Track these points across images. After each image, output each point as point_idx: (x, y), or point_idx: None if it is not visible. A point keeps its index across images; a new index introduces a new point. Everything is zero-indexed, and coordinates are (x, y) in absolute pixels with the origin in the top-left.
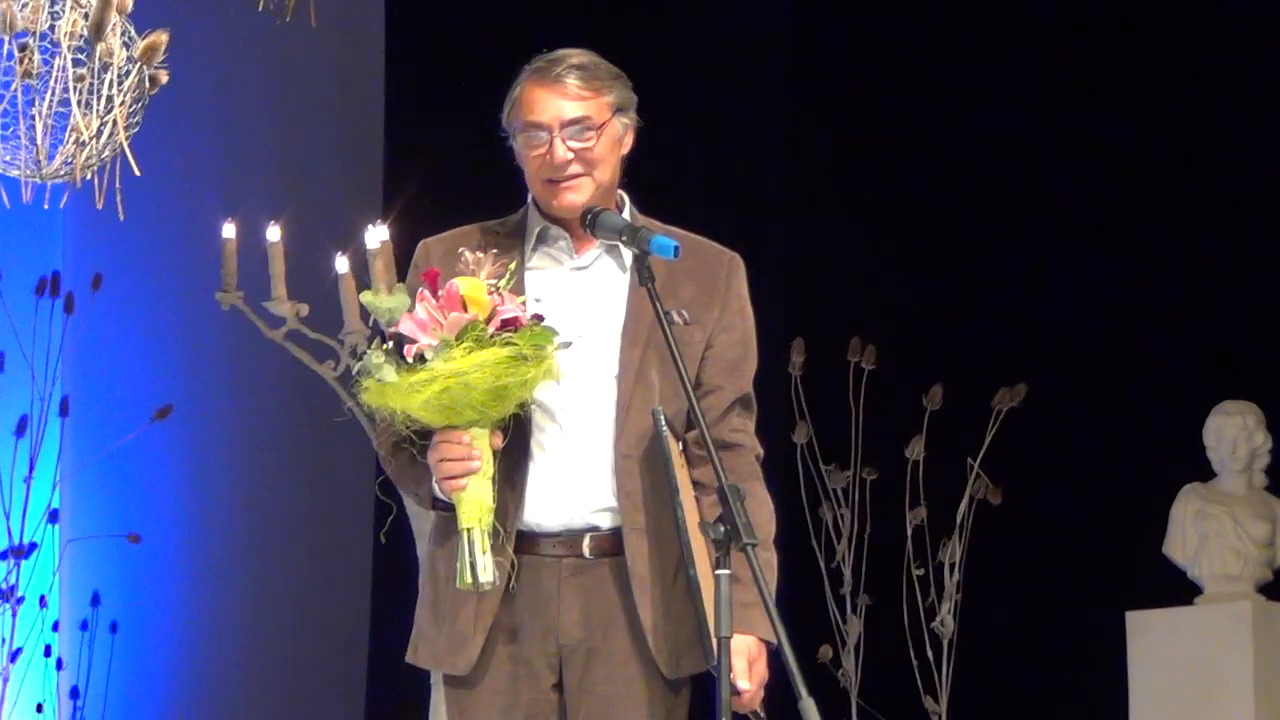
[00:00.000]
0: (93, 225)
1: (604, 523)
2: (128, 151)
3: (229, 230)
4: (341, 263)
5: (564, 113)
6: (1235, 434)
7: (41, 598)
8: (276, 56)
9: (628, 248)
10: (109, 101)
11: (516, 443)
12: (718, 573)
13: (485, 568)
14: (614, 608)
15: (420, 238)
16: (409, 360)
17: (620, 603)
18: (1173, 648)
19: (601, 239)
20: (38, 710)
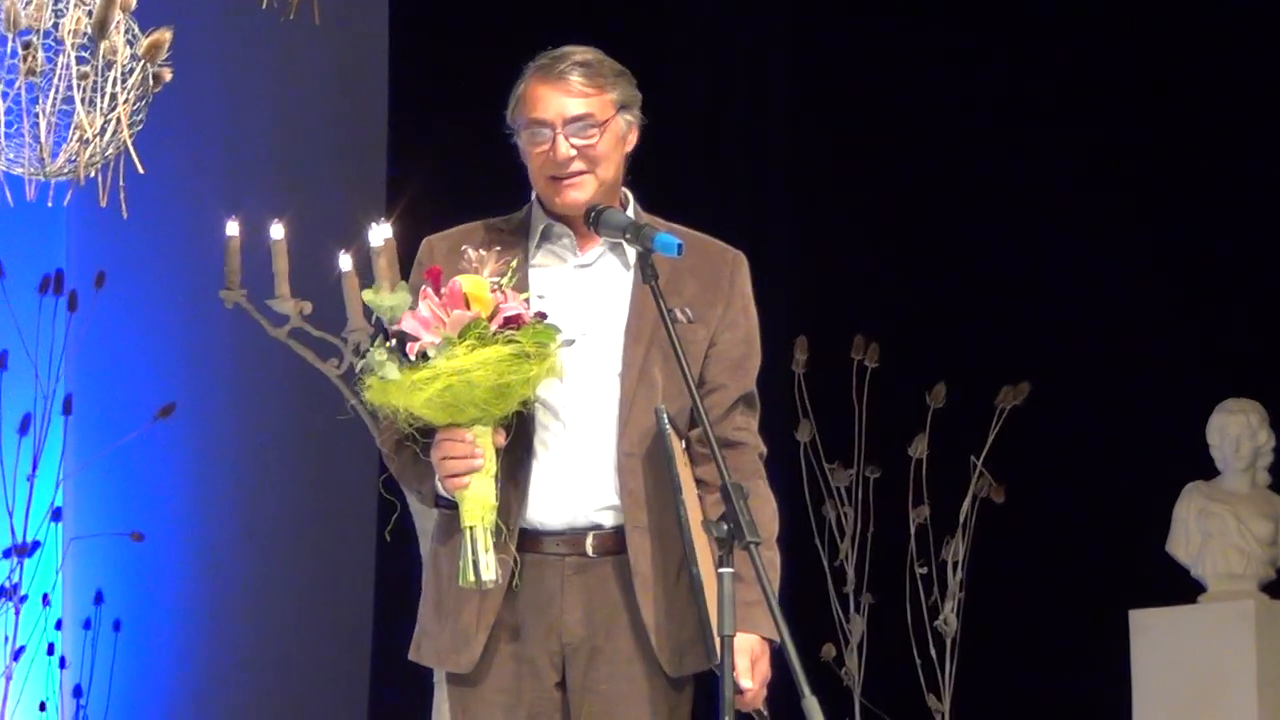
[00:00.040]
0: (96, 223)
1: (607, 521)
2: (131, 149)
3: (232, 228)
4: (345, 260)
5: (567, 110)
6: (1238, 432)
7: (44, 596)
8: (280, 54)
9: (631, 245)
10: (113, 99)
11: (519, 441)
12: (721, 571)
13: (488, 566)
14: (617, 606)
15: (423, 235)
16: (412, 358)
17: (623, 601)
18: (1176, 646)
19: (605, 236)
20: (41, 709)
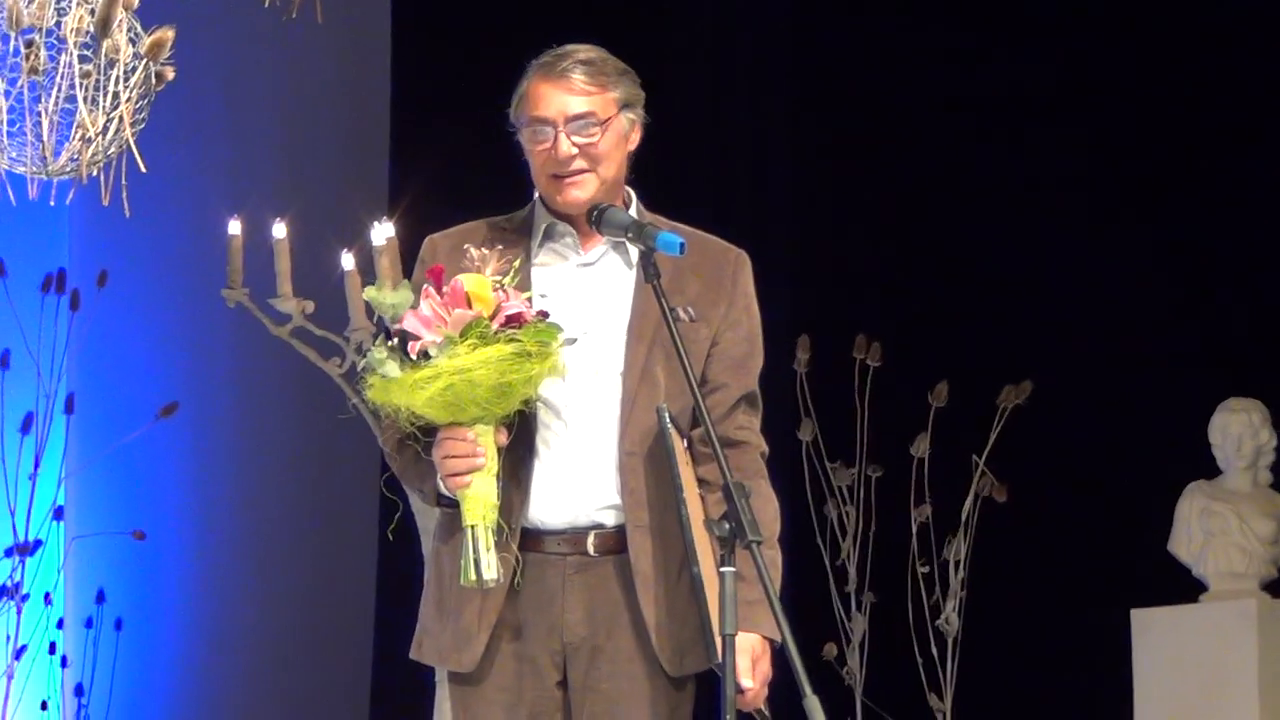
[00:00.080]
0: (98, 222)
1: (608, 520)
2: (134, 148)
3: (234, 227)
4: (347, 259)
5: (569, 108)
6: (1240, 431)
7: (46, 595)
8: (282, 53)
9: (633, 244)
10: (115, 98)
11: (521, 439)
12: (722, 570)
13: (489, 565)
14: (618, 605)
15: (425, 234)
16: (413, 357)
17: (624, 600)
18: (1178, 645)
19: (607, 235)
20: (42, 708)
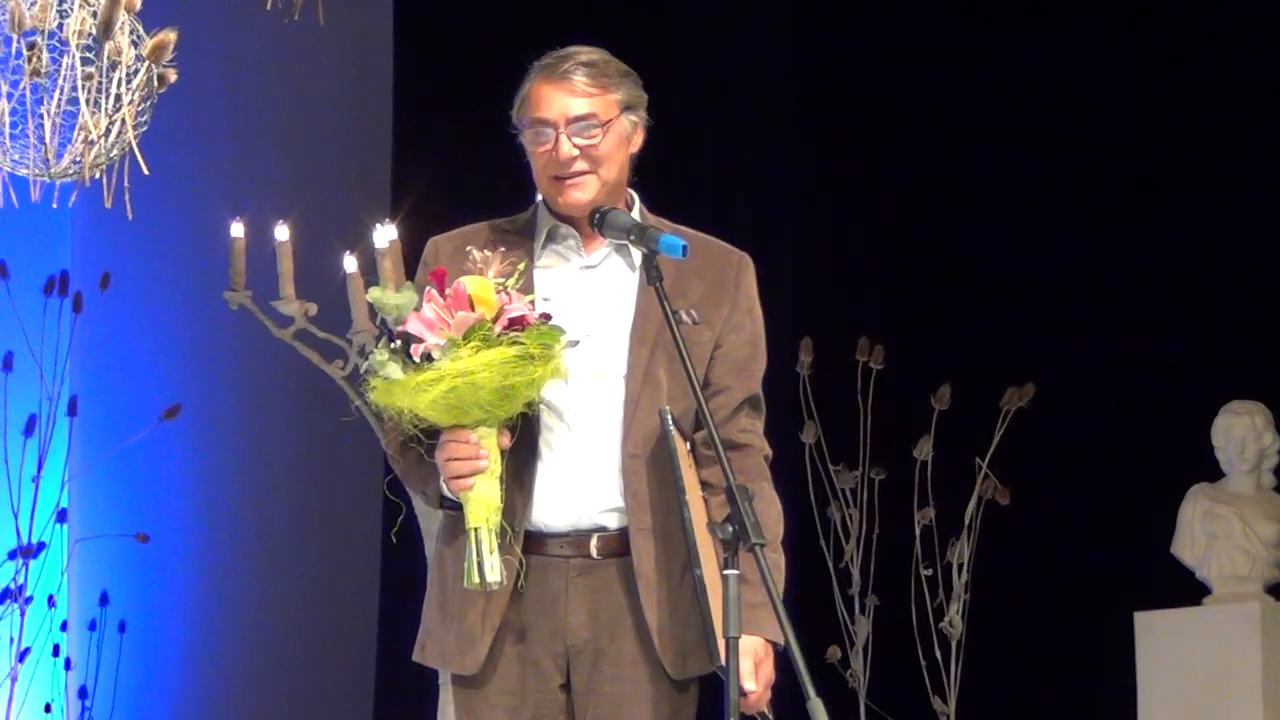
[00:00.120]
0: (101, 224)
1: (611, 523)
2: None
3: (237, 229)
4: (350, 262)
5: (570, 109)
6: (1244, 434)
7: (50, 597)
8: (285, 55)
9: (636, 247)
10: (117, 100)
11: (524, 442)
12: (726, 573)
13: (493, 567)
14: (621, 608)
15: (428, 236)
16: (416, 359)
17: (627, 603)
18: (1181, 648)
19: (610, 238)
20: (46, 710)
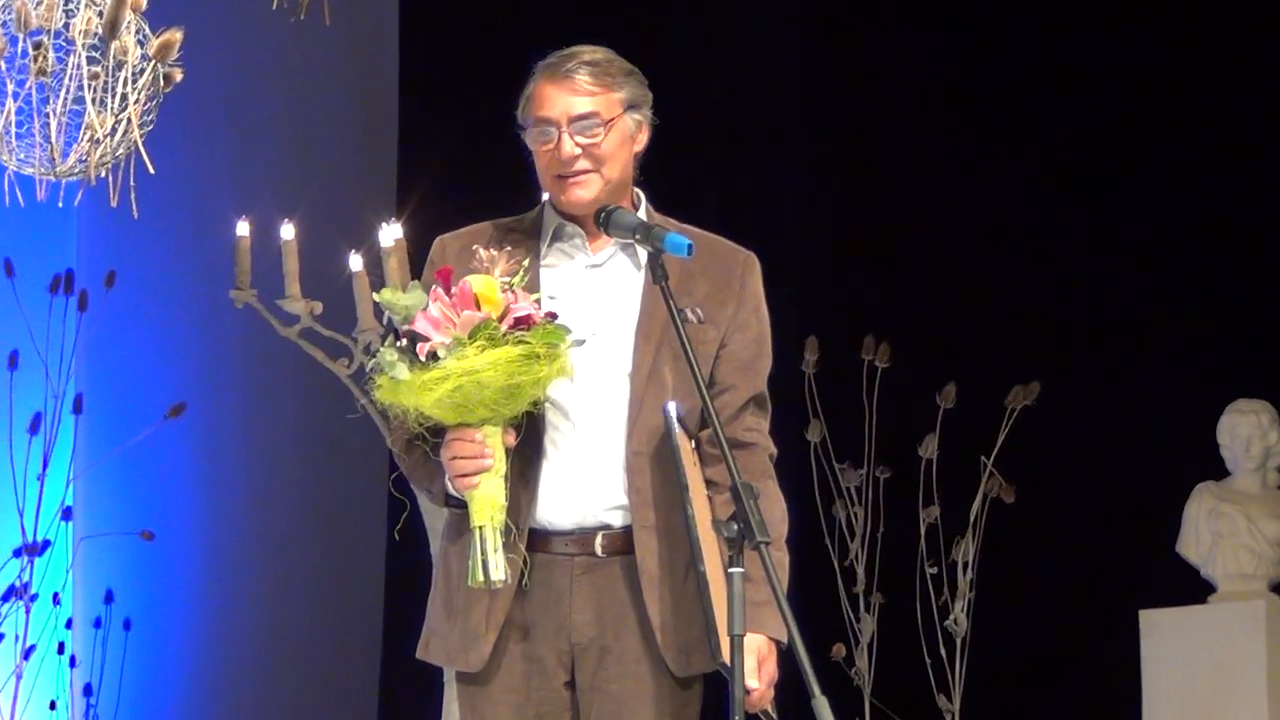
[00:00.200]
0: (107, 223)
1: (616, 521)
2: (142, 149)
3: (243, 228)
4: (355, 260)
5: (573, 108)
6: (1249, 432)
7: (55, 595)
8: (290, 54)
9: (641, 246)
10: (123, 99)
11: (529, 440)
12: (731, 570)
13: (497, 565)
14: (625, 606)
15: (434, 235)
16: (422, 358)
17: (631, 601)
18: (1186, 647)
19: (615, 237)
20: (51, 707)
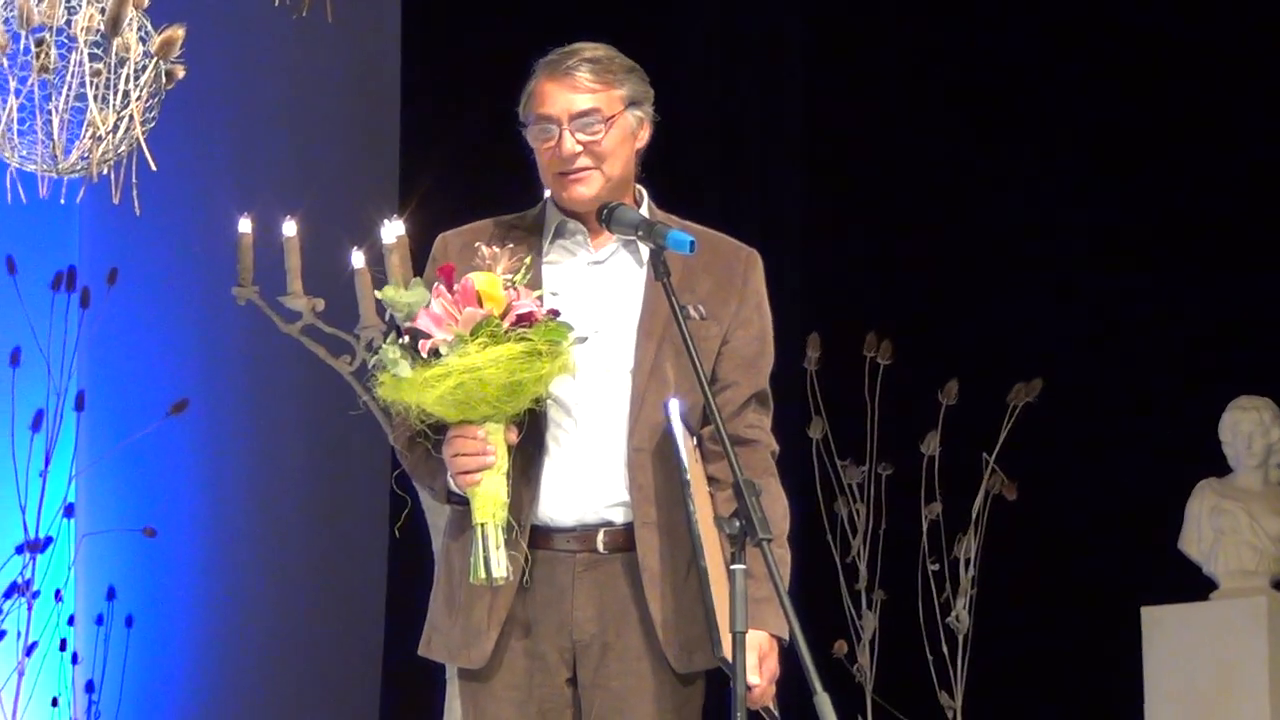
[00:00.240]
0: (109, 220)
1: (618, 518)
2: (144, 146)
3: (245, 225)
4: (357, 257)
5: (573, 105)
6: (1251, 429)
7: (57, 592)
8: (293, 51)
9: (644, 243)
10: (125, 96)
11: (531, 437)
12: (733, 568)
13: (499, 563)
14: (627, 603)
15: (436, 232)
16: (424, 355)
17: (633, 598)
18: (1188, 643)
19: (618, 233)
20: (53, 704)
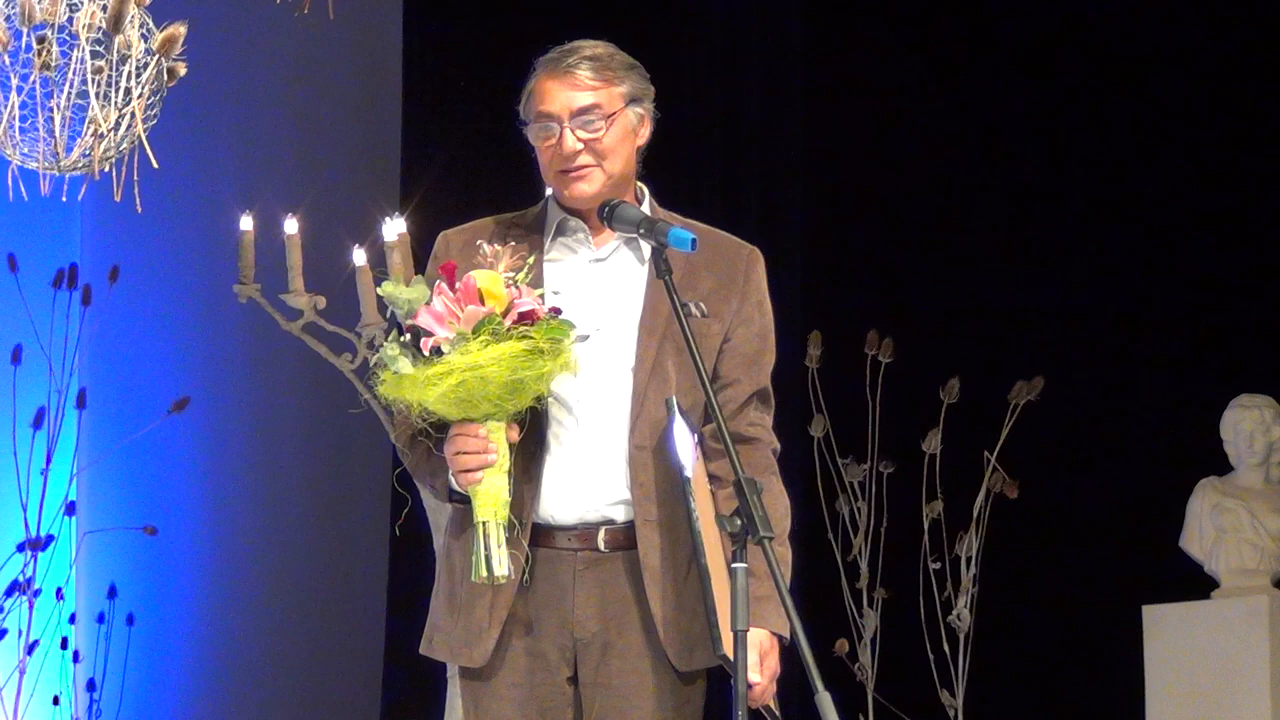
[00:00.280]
0: (110, 218)
1: (619, 515)
2: (145, 144)
3: (246, 222)
4: (359, 255)
5: (574, 103)
6: (1252, 427)
7: (58, 590)
8: (294, 49)
9: (645, 240)
10: (127, 94)
11: (533, 435)
12: (734, 565)
13: (500, 561)
14: (628, 601)
15: (437, 230)
16: (426, 353)
17: (634, 596)
18: (1189, 641)
19: (619, 231)
20: (54, 703)
